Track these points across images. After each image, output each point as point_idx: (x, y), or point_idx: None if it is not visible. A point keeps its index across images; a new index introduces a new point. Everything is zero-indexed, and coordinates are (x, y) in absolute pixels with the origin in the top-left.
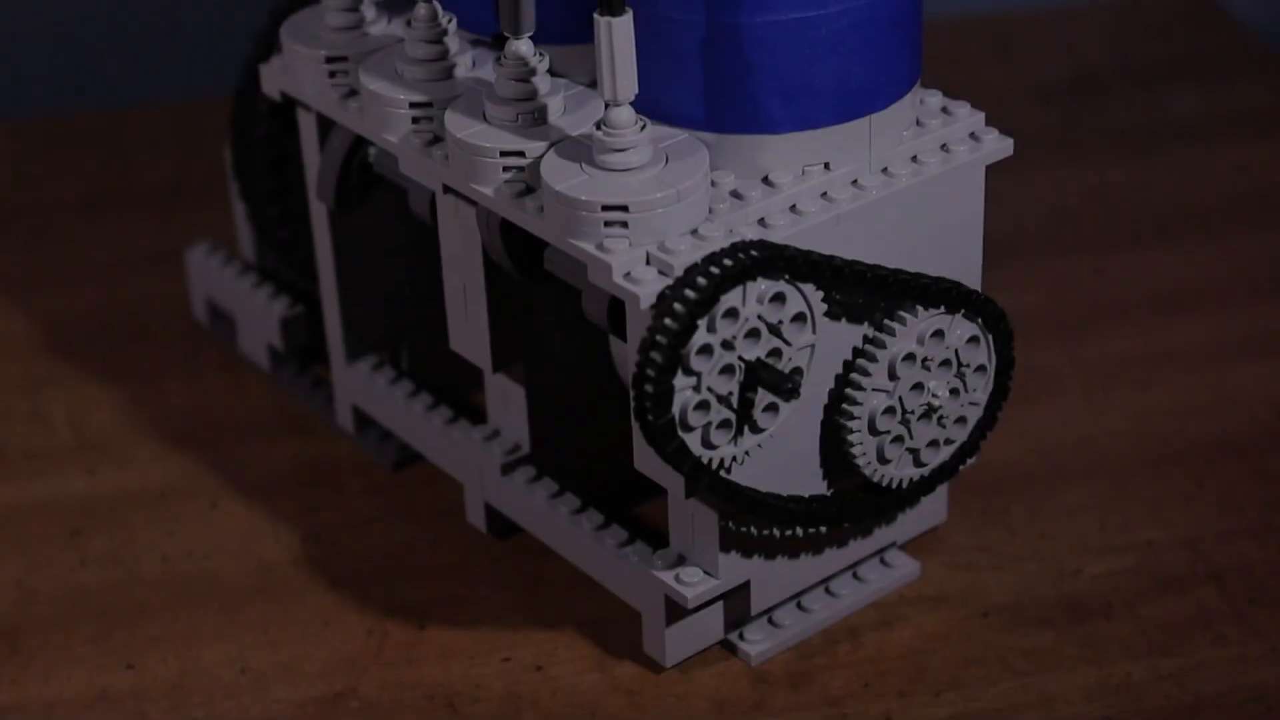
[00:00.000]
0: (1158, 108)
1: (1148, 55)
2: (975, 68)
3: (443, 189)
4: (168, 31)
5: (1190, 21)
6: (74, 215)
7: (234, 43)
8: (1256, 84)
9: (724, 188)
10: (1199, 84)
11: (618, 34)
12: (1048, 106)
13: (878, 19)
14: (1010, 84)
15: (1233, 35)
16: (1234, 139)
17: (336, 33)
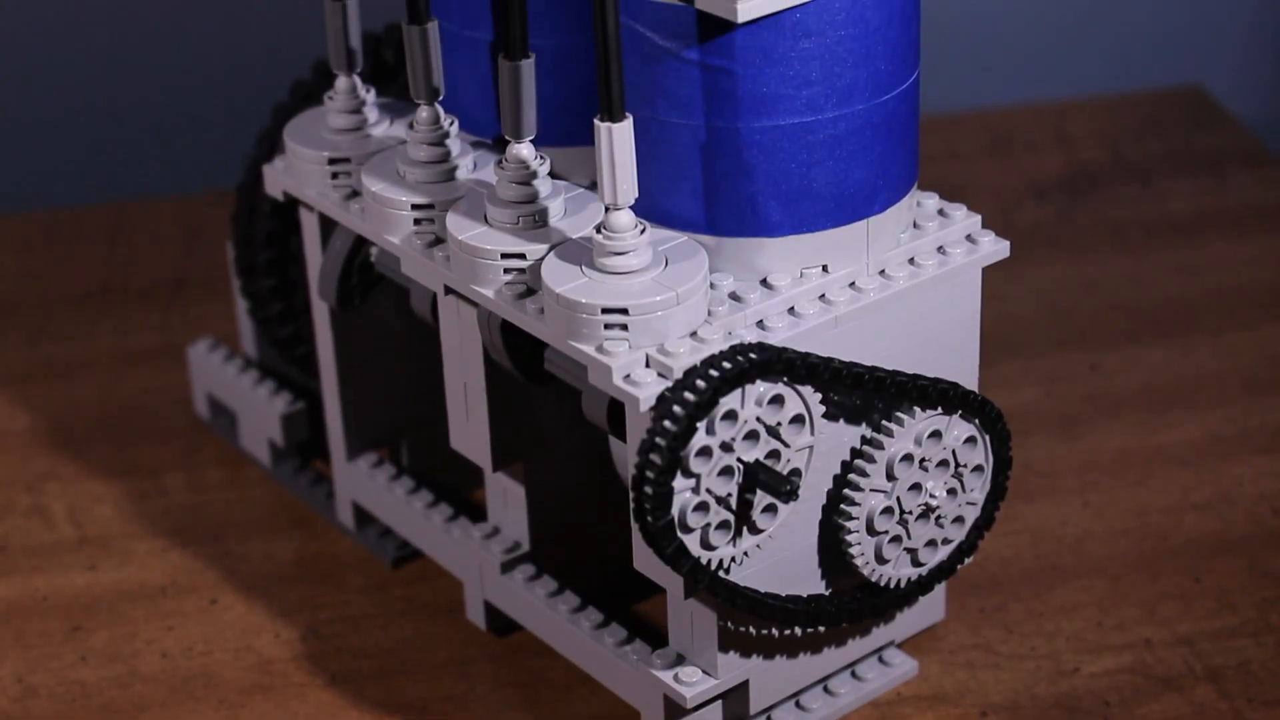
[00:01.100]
0: (1153, 203)
1: (1142, 150)
2: (971, 163)
3: (444, 290)
4: (170, 125)
5: (1184, 116)
6: (77, 309)
7: (236, 136)
8: (1251, 179)
9: (723, 290)
10: (1194, 179)
11: (618, 139)
12: (1043, 202)
13: (875, 124)
14: (1006, 179)
15: (1227, 130)
16: (1229, 235)
17: (339, 134)
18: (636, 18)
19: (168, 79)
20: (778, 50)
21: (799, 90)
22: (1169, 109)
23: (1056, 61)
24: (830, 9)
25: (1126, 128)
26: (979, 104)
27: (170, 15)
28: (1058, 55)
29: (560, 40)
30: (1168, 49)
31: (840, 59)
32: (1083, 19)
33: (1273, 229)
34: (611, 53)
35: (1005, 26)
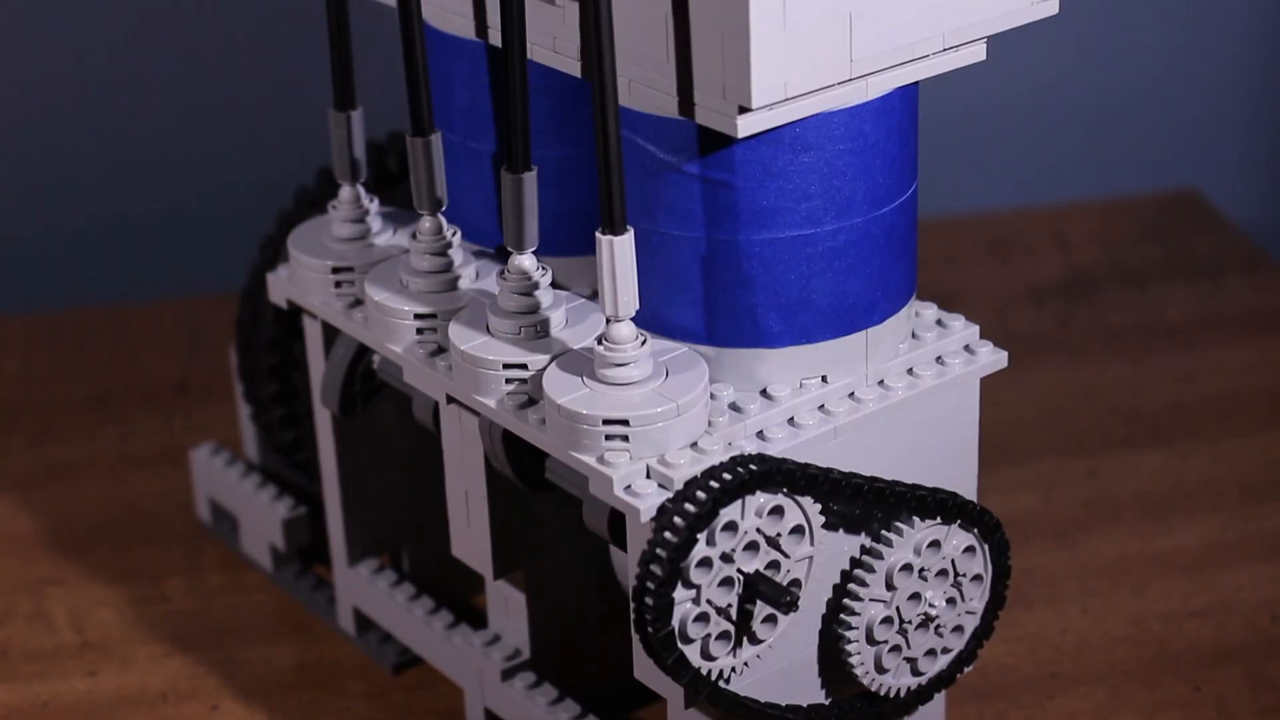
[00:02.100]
0: (1150, 308)
1: (1139, 255)
2: (970, 267)
3: (446, 399)
4: (174, 229)
5: (1181, 221)
6: (79, 412)
7: (239, 239)
8: (1247, 285)
9: (723, 400)
10: (1190, 285)
11: (619, 252)
12: (1042, 306)
13: (873, 236)
14: (1004, 283)
15: (1224, 235)
16: (1226, 340)
17: (343, 243)
18: (638, 131)
19: (171, 183)
20: (777, 164)
21: (798, 203)
22: (1166, 214)
23: (1054, 166)
24: (829, 123)
25: (1124, 233)
26: (977, 208)
27: (174, 120)
28: (1055, 160)
29: (563, 152)
30: (1164, 154)
31: (839, 172)
32: (1080, 124)
33: (1269, 335)
34: (613, 166)
35: (1003, 131)
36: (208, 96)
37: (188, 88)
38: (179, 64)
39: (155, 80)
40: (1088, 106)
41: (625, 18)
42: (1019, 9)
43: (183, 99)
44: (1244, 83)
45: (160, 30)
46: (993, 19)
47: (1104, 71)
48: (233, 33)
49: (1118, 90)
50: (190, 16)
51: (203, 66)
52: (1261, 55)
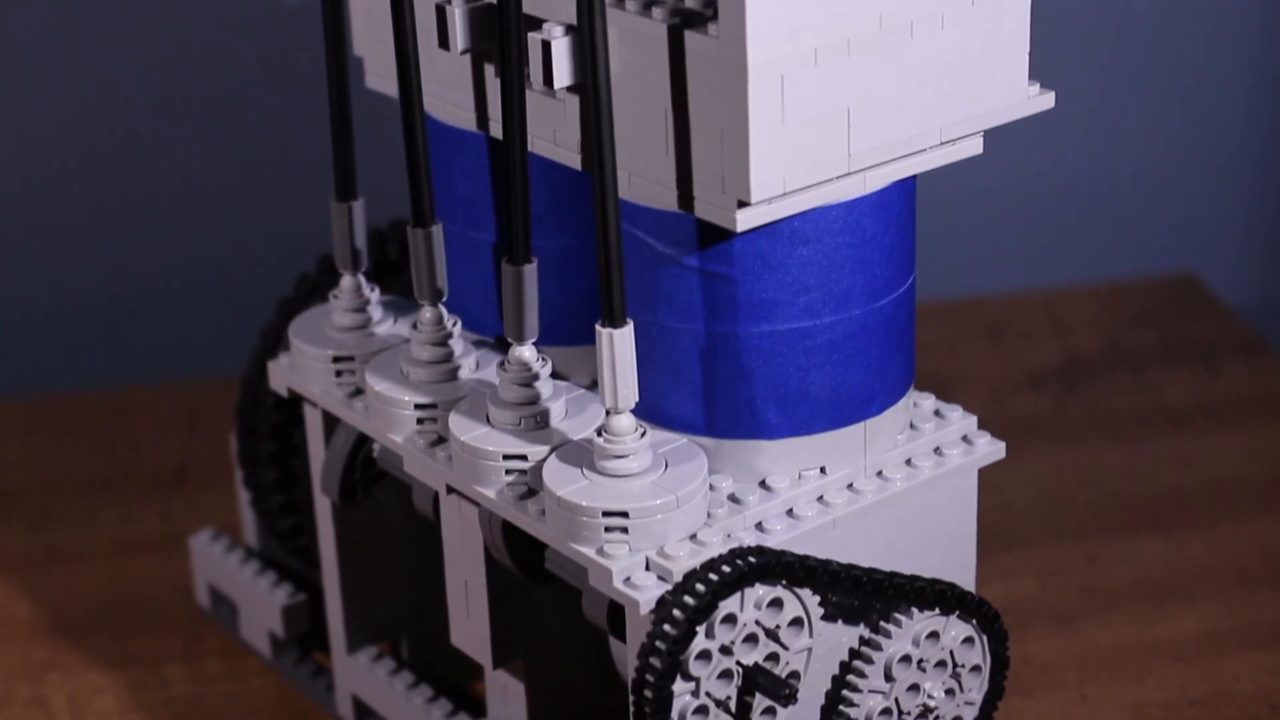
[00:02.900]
0: (1147, 393)
1: (1136, 339)
2: (966, 351)
3: (446, 489)
4: (174, 312)
5: (1177, 305)
6: (79, 496)
7: (240, 322)
8: (1244, 369)
9: (722, 492)
10: (1188, 369)
11: (619, 344)
12: (1039, 391)
13: (871, 328)
14: (1001, 368)
15: (1220, 319)
16: (1223, 425)
17: (343, 332)
18: (637, 224)
19: (171, 266)
20: (776, 257)
21: (797, 296)
22: (1162, 298)
23: (1050, 250)
24: (827, 217)
25: (1120, 316)
26: (974, 292)
27: (174, 203)
28: (1052, 244)
29: (563, 242)
30: (1160, 238)
31: (837, 265)
32: (1076, 208)
33: (1266, 420)
34: (613, 260)
35: (999, 215)
36: (207, 180)
37: (188, 171)
38: (180, 148)
39: (155, 164)
40: (1083, 190)
41: (625, 112)
42: (1016, 103)
43: (182, 183)
44: (1240, 167)
45: (162, 115)
46: (989, 113)
47: (1100, 156)
48: (234, 117)
49: (1114, 174)
50: (193, 101)
51: (203, 150)
52: (1258, 140)
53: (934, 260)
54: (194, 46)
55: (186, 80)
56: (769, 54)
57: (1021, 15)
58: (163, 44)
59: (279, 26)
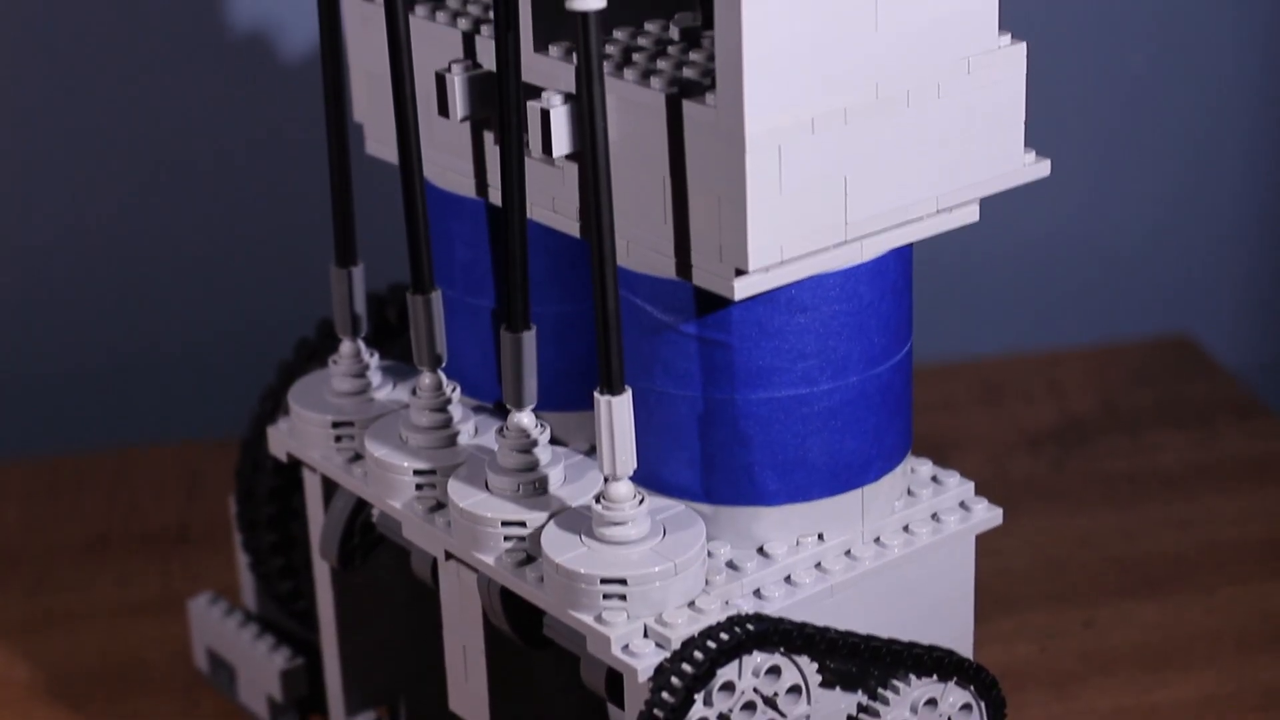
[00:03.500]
0: (1144, 455)
1: (1133, 401)
2: (963, 413)
3: (445, 555)
4: (173, 374)
5: (1174, 366)
6: (78, 558)
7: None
8: (1240, 431)
9: (720, 558)
10: (1184, 431)
11: (617, 412)
12: (1036, 453)
13: (869, 395)
14: (998, 429)
15: (1216, 381)
16: (1220, 488)
17: (343, 398)
18: (636, 291)
19: (170, 327)
20: (773, 324)
21: (794, 363)
22: (1159, 359)
23: (1047, 311)
24: (824, 285)
25: (1117, 378)
26: (971, 353)
27: (172, 265)
28: (1048, 305)
29: (561, 308)
30: (1157, 300)
31: (834, 333)
32: (1073, 269)
33: (1263, 482)
34: (611, 327)
35: (996, 277)
36: (206, 242)
37: (187, 233)
38: (180, 210)
39: (155, 226)
40: (1080, 252)
41: (624, 179)
42: (1011, 171)
43: (182, 245)
44: (1236, 229)
45: (162, 177)
46: (986, 181)
47: (1097, 218)
48: (234, 180)
49: (1110, 236)
50: (193, 164)
51: (203, 213)
52: (1254, 202)
53: (931, 321)
54: (194, 109)
55: (187, 142)
56: (767, 124)
57: (1017, 84)
58: (163, 106)
59: (280, 91)
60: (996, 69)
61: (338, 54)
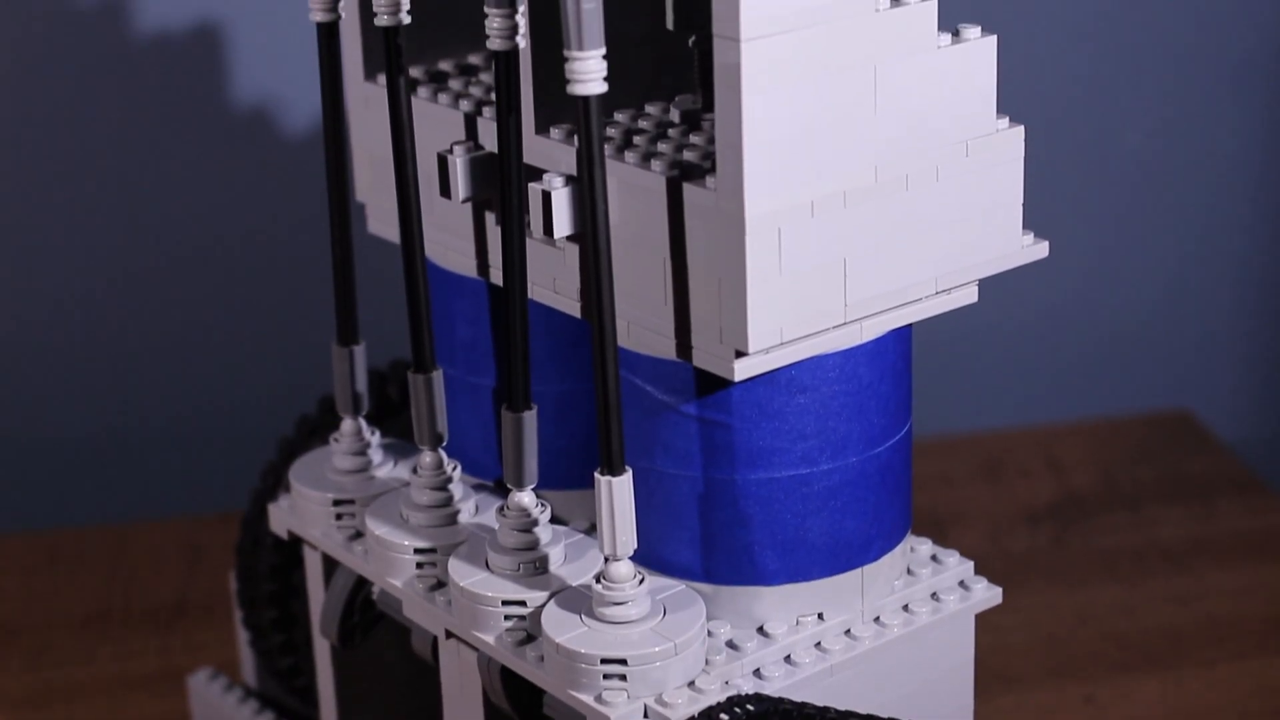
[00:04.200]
0: (1143, 530)
1: (1132, 476)
2: (963, 487)
3: (445, 633)
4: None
5: (1173, 442)
6: (78, 632)
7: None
8: (1240, 507)
9: (720, 638)
10: (1184, 506)
11: (618, 493)
12: (1036, 528)
13: (869, 475)
14: (998, 504)
15: (1216, 456)
16: (1219, 563)
17: (344, 475)
18: (636, 371)
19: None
20: (773, 405)
21: (794, 444)
22: (1158, 434)
23: (1047, 387)
24: (823, 366)
25: (1117, 453)
26: (971, 428)
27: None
28: (1048, 380)
29: (562, 388)
30: (1156, 376)
31: (834, 413)
32: (1072, 345)
33: (1262, 558)
34: (612, 408)
35: (995, 352)
36: (207, 316)
37: (189, 307)
38: (182, 285)
39: (157, 299)
40: (1080, 328)
41: (624, 261)
42: (1009, 254)
43: (183, 318)
44: (1235, 305)
45: (165, 252)
46: (984, 263)
47: (1096, 294)
48: (235, 255)
49: (1110, 312)
50: (194, 240)
51: (204, 287)
52: (1253, 279)
53: (931, 396)
54: (197, 185)
55: (190, 218)
56: (767, 207)
57: (1015, 167)
58: (166, 182)
59: (283, 170)
60: (995, 152)
61: (340, 134)
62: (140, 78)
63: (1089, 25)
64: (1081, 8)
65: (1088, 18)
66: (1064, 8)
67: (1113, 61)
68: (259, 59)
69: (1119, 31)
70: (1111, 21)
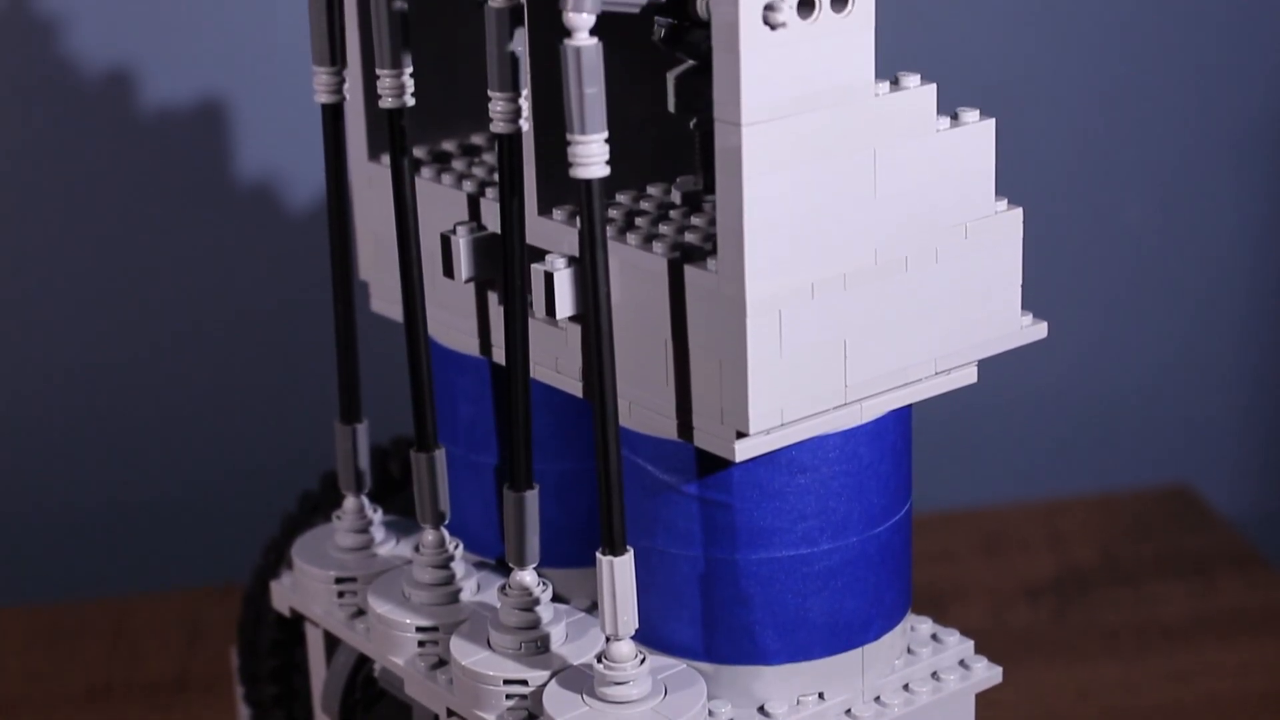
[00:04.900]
0: (1143, 606)
1: (1132, 551)
2: (963, 563)
3: (447, 712)
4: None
5: (1172, 516)
6: (79, 707)
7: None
8: (1240, 583)
9: (721, 717)
10: (1184, 582)
11: (619, 573)
12: (1036, 603)
13: (869, 555)
14: (998, 579)
15: (1216, 531)
16: (1220, 640)
17: (346, 553)
18: (637, 451)
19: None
20: (774, 485)
21: (795, 524)
22: (1158, 509)
23: (1046, 461)
24: (824, 446)
25: (1116, 528)
26: (971, 503)
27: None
28: (1047, 455)
29: (563, 466)
30: (1155, 450)
31: (835, 493)
32: (1071, 420)
33: (1263, 634)
34: (614, 488)
35: (994, 426)
36: (208, 391)
37: (190, 382)
38: (182, 359)
39: (158, 374)
40: (1079, 402)
41: (626, 341)
42: (1009, 334)
43: (184, 393)
44: (1233, 380)
45: (164, 326)
46: (983, 343)
47: (1096, 369)
48: (239, 331)
49: (1109, 387)
50: (196, 314)
51: (205, 362)
52: (1252, 353)
53: (931, 471)
54: (201, 264)
55: (192, 293)
56: (767, 289)
57: (1014, 248)
58: (167, 257)
59: (286, 247)
60: (994, 234)
61: (344, 212)
62: (145, 154)
63: (1087, 104)
64: (1079, 88)
65: (1086, 97)
66: (1061, 88)
67: (1111, 138)
68: (263, 136)
69: (1117, 109)
70: (1109, 100)
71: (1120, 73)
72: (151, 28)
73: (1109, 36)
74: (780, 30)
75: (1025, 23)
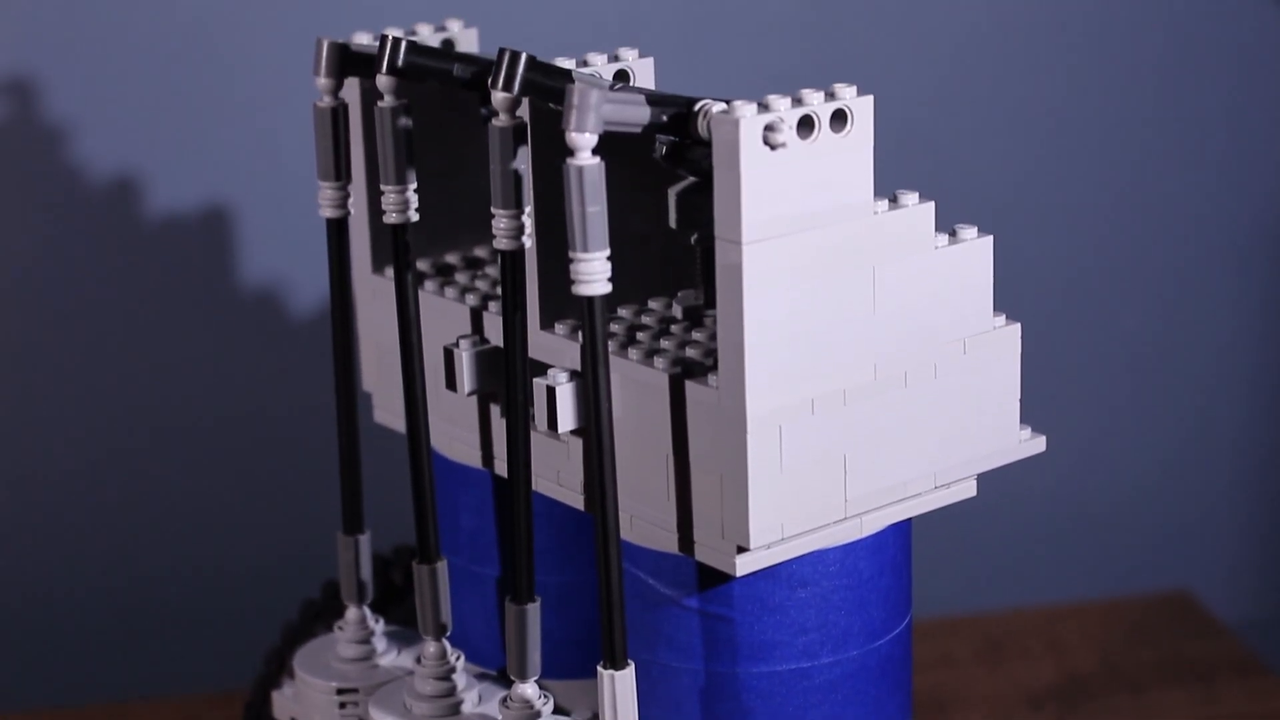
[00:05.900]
0: (1145, 714)
1: (1133, 658)
2: (963, 670)
3: None
4: (173, 624)
5: (1173, 622)
6: None
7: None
8: (1241, 690)
9: None
10: (1185, 689)
11: (620, 687)
12: (1037, 712)
13: (869, 668)
14: (999, 687)
15: (1217, 638)
16: None
17: (348, 664)
18: (638, 564)
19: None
20: (774, 599)
21: (795, 637)
22: (1159, 615)
23: (1046, 567)
24: (824, 560)
25: (1117, 634)
26: (971, 609)
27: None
28: (1047, 561)
29: (565, 578)
30: (1155, 555)
31: (835, 607)
32: (1071, 526)
33: None
34: (615, 603)
35: (994, 533)
36: (210, 497)
37: (191, 488)
38: (185, 466)
39: (159, 479)
40: (1079, 508)
41: (627, 456)
42: (1007, 448)
43: (184, 499)
44: (1233, 485)
45: (170, 433)
46: (982, 458)
47: (1095, 475)
48: (240, 437)
49: (1109, 493)
50: (198, 423)
51: (207, 470)
52: (1252, 459)
53: (931, 577)
54: (204, 372)
55: (195, 402)
56: (768, 405)
57: (1011, 363)
58: (175, 366)
59: (290, 356)
60: (992, 349)
61: (347, 324)
62: (151, 263)
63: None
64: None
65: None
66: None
67: (1107, 249)
68: (268, 246)
69: (1112, 222)
70: (1105, 213)
71: (1115, 187)
72: (157, 138)
73: (1105, 152)
74: (780, 150)
75: (1019, 140)
